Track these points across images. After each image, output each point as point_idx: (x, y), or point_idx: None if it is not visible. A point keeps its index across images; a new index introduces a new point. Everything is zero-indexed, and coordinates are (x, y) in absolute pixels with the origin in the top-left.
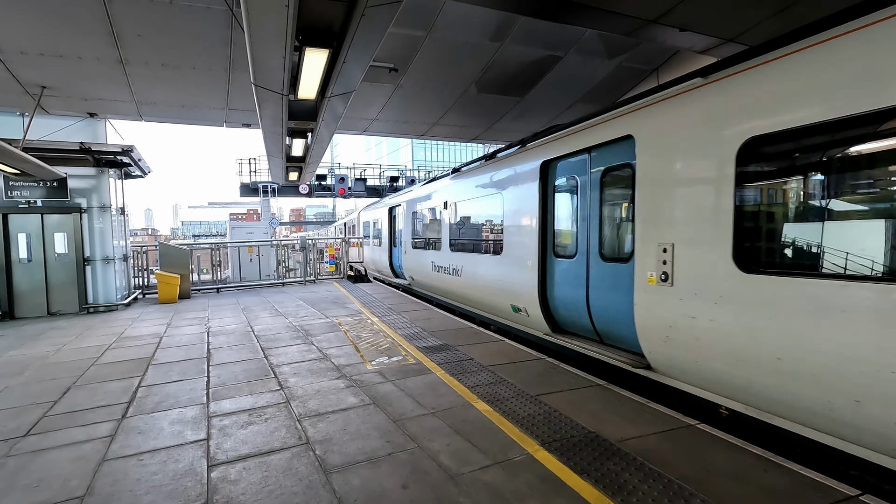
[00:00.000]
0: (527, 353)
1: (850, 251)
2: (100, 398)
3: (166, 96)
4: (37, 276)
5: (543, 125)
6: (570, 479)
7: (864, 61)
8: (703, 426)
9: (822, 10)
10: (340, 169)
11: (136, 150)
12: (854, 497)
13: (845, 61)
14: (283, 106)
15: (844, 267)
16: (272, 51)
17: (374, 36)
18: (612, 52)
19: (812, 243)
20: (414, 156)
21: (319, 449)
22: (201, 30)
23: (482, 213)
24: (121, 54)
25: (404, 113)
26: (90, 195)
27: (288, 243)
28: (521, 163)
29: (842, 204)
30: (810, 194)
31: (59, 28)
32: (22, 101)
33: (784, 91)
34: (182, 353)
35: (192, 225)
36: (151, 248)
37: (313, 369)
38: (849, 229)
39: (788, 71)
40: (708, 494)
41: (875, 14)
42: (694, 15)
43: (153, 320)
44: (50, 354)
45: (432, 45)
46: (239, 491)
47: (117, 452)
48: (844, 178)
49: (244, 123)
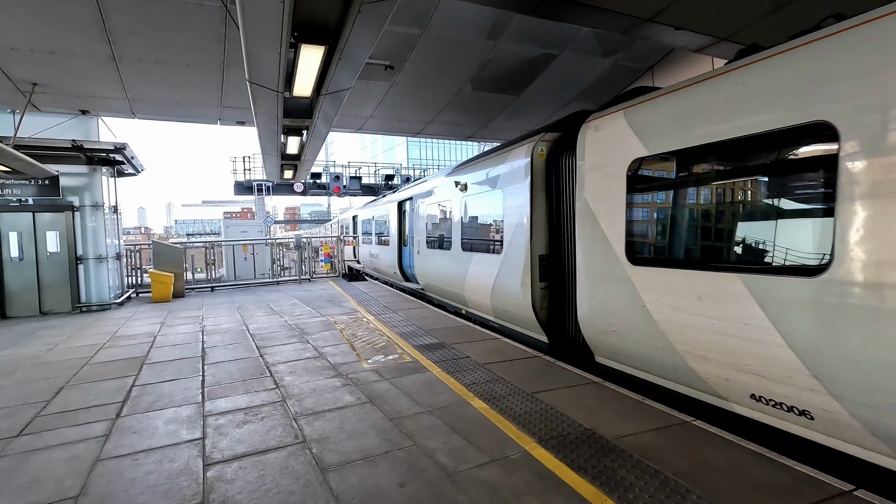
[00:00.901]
0: (523, 350)
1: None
2: (93, 398)
3: (159, 93)
4: (28, 275)
5: (539, 123)
6: (567, 476)
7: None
8: (699, 423)
9: (815, 8)
10: (335, 167)
11: (128, 148)
12: (848, 492)
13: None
14: (279, 103)
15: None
16: (267, 47)
17: (370, 33)
18: (607, 50)
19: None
20: (409, 154)
21: (316, 447)
22: (195, 26)
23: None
24: (113, 51)
25: (399, 111)
26: (82, 193)
27: (283, 242)
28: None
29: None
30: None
31: (50, 24)
32: (13, 98)
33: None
34: (176, 352)
35: (186, 223)
36: (145, 246)
37: (309, 368)
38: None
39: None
40: (704, 490)
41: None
42: (689, 14)
43: (147, 319)
44: (42, 354)
45: (428, 43)
46: (235, 490)
47: (112, 452)
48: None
49: (238, 121)
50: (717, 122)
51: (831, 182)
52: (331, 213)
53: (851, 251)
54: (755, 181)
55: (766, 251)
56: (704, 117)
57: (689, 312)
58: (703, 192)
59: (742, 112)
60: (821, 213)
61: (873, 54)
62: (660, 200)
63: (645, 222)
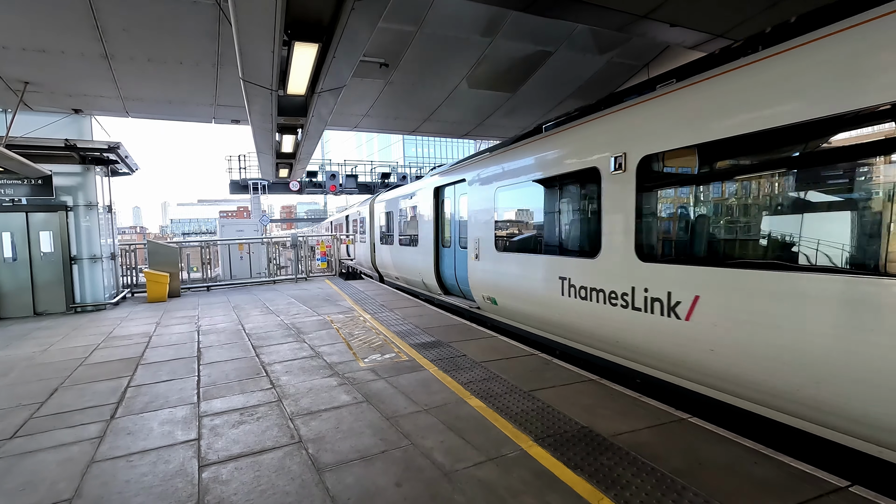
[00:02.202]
0: (520, 348)
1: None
2: (88, 399)
3: (153, 92)
4: (22, 275)
5: (535, 121)
6: (563, 474)
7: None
8: (695, 420)
9: (810, 4)
10: (331, 165)
11: (122, 147)
12: (844, 488)
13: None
14: (273, 101)
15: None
16: (260, 45)
17: (364, 30)
18: (602, 47)
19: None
20: (405, 152)
21: (312, 447)
22: (188, 24)
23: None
24: (106, 49)
25: (395, 109)
26: (76, 193)
27: (279, 240)
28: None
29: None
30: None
31: (41, 22)
32: (4, 97)
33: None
34: (172, 353)
35: (182, 223)
36: (140, 246)
37: (305, 367)
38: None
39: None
40: (700, 488)
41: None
42: (684, 10)
43: (142, 319)
44: (36, 355)
45: (423, 40)
46: (231, 491)
47: (106, 454)
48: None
49: (233, 119)
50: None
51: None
52: (327, 212)
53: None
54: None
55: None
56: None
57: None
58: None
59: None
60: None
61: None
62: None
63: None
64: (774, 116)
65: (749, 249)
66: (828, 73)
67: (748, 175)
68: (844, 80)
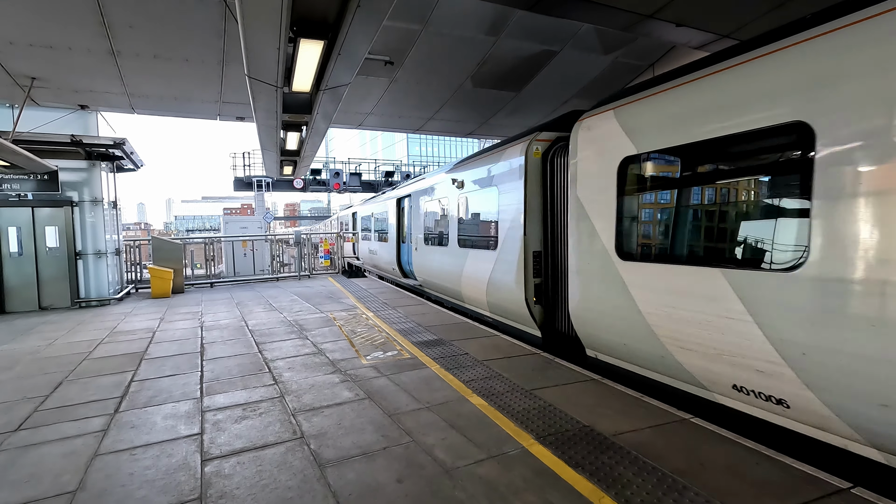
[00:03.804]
0: (522, 347)
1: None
2: (92, 393)
3: (159, 89)
4: (28, 270)
5: (539, 120)
6: (564, 472)
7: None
8: (697, 420)
9: (816, 5)
10: (335, 163)
11: (128, 143)
12: (846, 489)
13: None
14: (278, 98)
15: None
16: (266, 42)
17: (369, 28)
18: (607, 47)
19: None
20: (409, 151)
21: (314, 443)
22: (194, 21)
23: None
24: (112, 45)
25: (399, 107)
26: (82, 188)
27: (283, 238)
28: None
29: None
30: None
31: (48, 18)
32: (11, 92)
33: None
34: (175, 348)
35: (186, 219)
36: (144, 242)
37: (308, 364)
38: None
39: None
40: (701, 488)
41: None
42: (690, 10)
43: (146, 315)
44: (41, 349)
45: (428, 39)
46: (233, 485)
47: (110, 447)
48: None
49: (238, 117)
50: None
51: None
52: (331, 210)
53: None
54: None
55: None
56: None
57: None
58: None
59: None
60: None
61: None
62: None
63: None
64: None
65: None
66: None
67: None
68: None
